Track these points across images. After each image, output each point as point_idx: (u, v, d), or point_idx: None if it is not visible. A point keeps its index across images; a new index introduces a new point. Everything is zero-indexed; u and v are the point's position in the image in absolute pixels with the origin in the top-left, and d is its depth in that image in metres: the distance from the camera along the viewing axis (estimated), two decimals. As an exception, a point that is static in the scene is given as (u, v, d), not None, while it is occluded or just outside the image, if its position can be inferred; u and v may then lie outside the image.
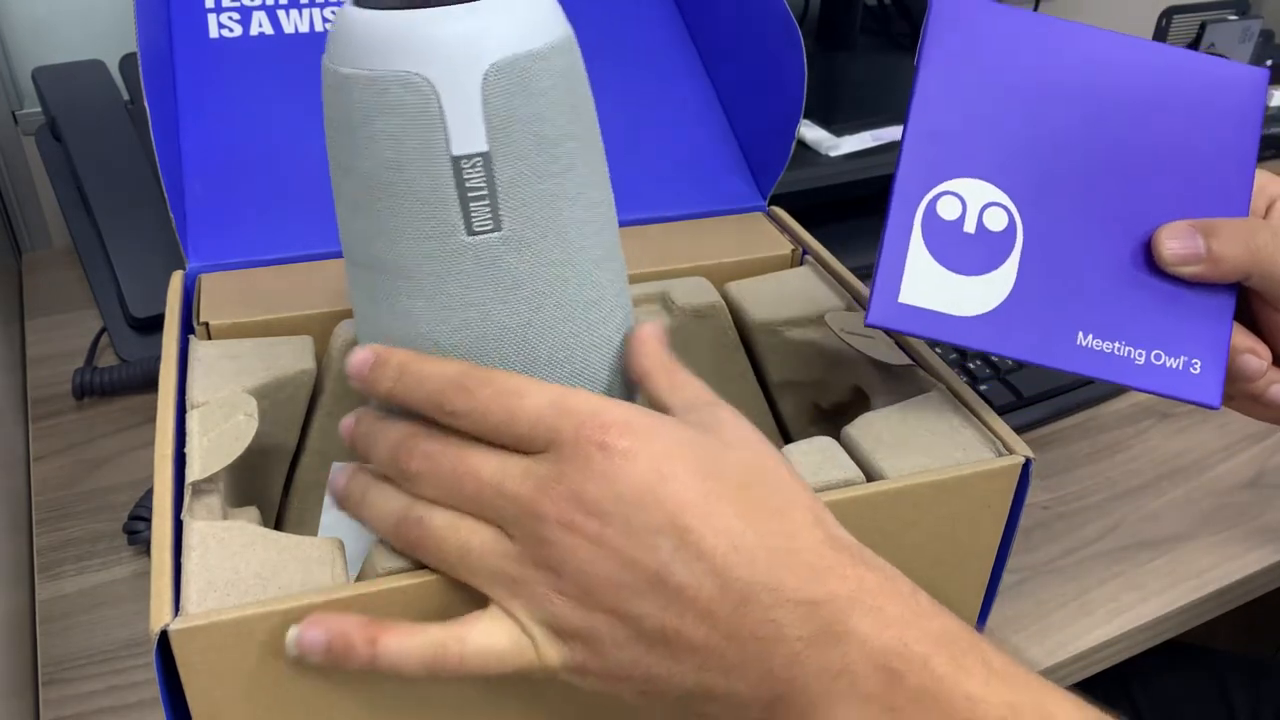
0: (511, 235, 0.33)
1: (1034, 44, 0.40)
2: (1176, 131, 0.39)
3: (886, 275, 0.38)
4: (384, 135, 0.32)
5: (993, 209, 0.38)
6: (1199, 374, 0.37)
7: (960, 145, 0.39)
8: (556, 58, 0.33)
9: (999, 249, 0.38)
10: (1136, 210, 0.39)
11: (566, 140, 0.34)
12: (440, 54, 0.31)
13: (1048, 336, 0.37)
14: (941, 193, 0.38)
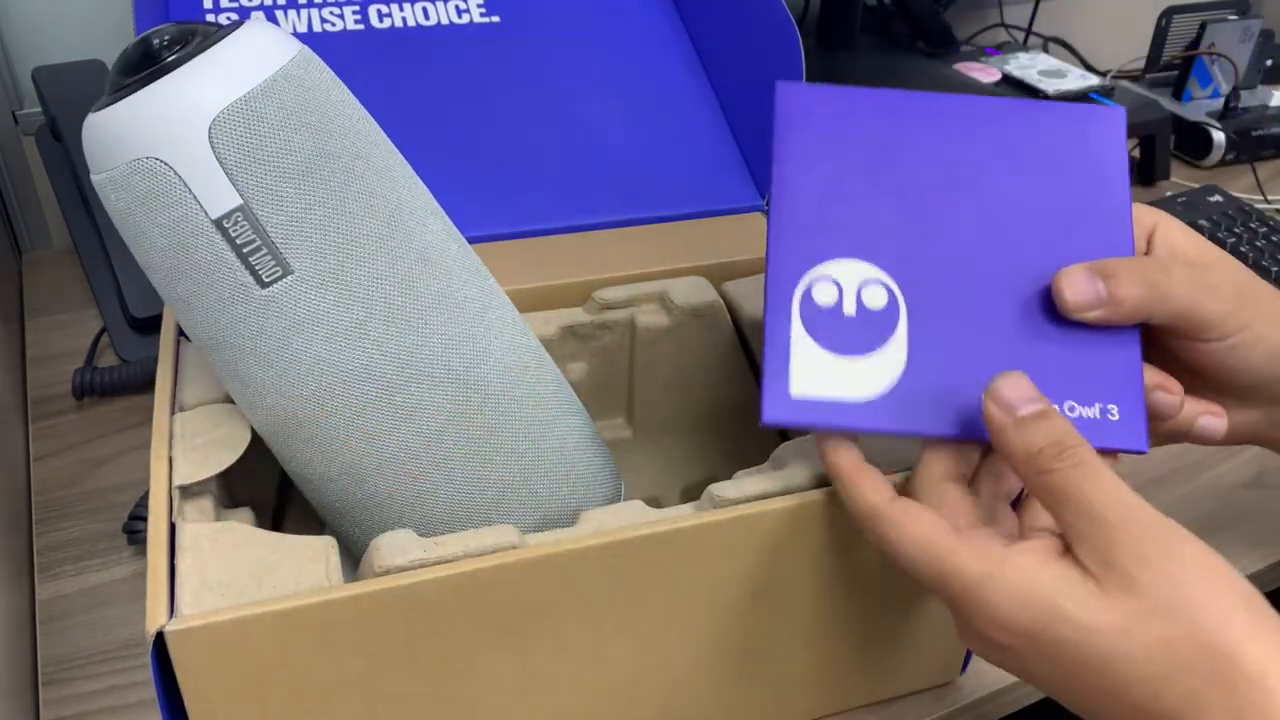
0: (305, 274, 0.34)
1: (885, 119, 0.39)
2: (1045, 181, 0.38)
3: (773, 371, 0.36)
4: (149, 225, 0.33)
5: (871, 286, 0.37)
6: (1119, 420, 0.36)
7: (826, 229, 0.38)
8: (282, 87, 0.33)
9: (884, 326, 0.36)
10: (1020, 266, 0.37)
11: (325, 161, 0.34)
12: (159, 130, 0.32)
13: (952, 407, 0.35)
14: (815, 279, 0.37)
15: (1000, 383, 0.33)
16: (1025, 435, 0.32)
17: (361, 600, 0.32)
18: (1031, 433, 0.32)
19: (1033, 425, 0.32)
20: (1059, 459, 0.31)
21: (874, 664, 0.43)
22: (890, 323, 0.36)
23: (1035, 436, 0.32)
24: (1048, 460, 0.31)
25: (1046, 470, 0.31)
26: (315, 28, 0.57)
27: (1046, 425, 0.32)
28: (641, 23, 0.63)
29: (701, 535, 0.36)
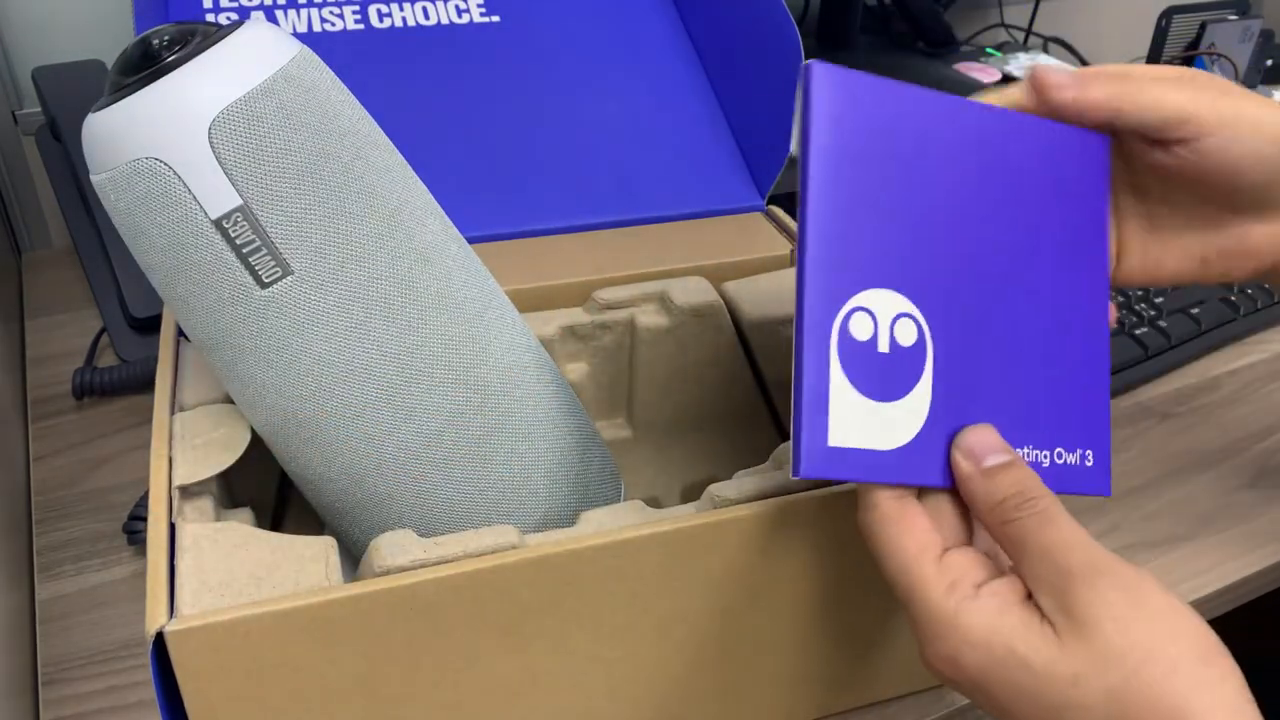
0: (305, 274, 0.34)
1: (913, 122, 0.34)
2: (1048, 211, 0.36)
3: (812, 417, 0.32)
4: (149, 225, 0.33)
5: (902, 321, 0.34)
6: (1093, 465, 0.36)
7: (862, 249, 0.33)
8: (282, 87, 0.33)
9: (913, 367, 0.34)
10: (1016, 296, 0.35)
11: (325, 161, 0.34)
12: (159, 131, 0.32)
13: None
14: (852, 309, 0.33)
15: (968, 434, 0.33)
16: (990, 485, 0.32)
17: (361, 600, 0.32)
18: (997, 482, 0.32)
19: (999, 475, 0.33)
20: (1020, 509, 0.32)
21: (873, 664, 0.43)
22: (919, 364, 0.34)
23: (1000, 486, 0.32)
24: (1010, 510, 0.32)
25: (1009, 520, 0.32)
26: (315, 28, 0.57)
27: (1012, 475, 0.32)
28: (641, 23, 0.63)
29: (701, 535, 0.36)
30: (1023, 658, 0.30)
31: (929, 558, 0.32)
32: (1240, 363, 0.66)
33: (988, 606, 0.31)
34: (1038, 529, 0.31)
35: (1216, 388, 0.64)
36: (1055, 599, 0.30)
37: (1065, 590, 0.30)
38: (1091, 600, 0.29)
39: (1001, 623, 0.30)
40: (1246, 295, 0.69)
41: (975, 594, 0.31)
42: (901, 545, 0.32)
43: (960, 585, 0.31)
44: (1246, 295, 0.69)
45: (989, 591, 0.31)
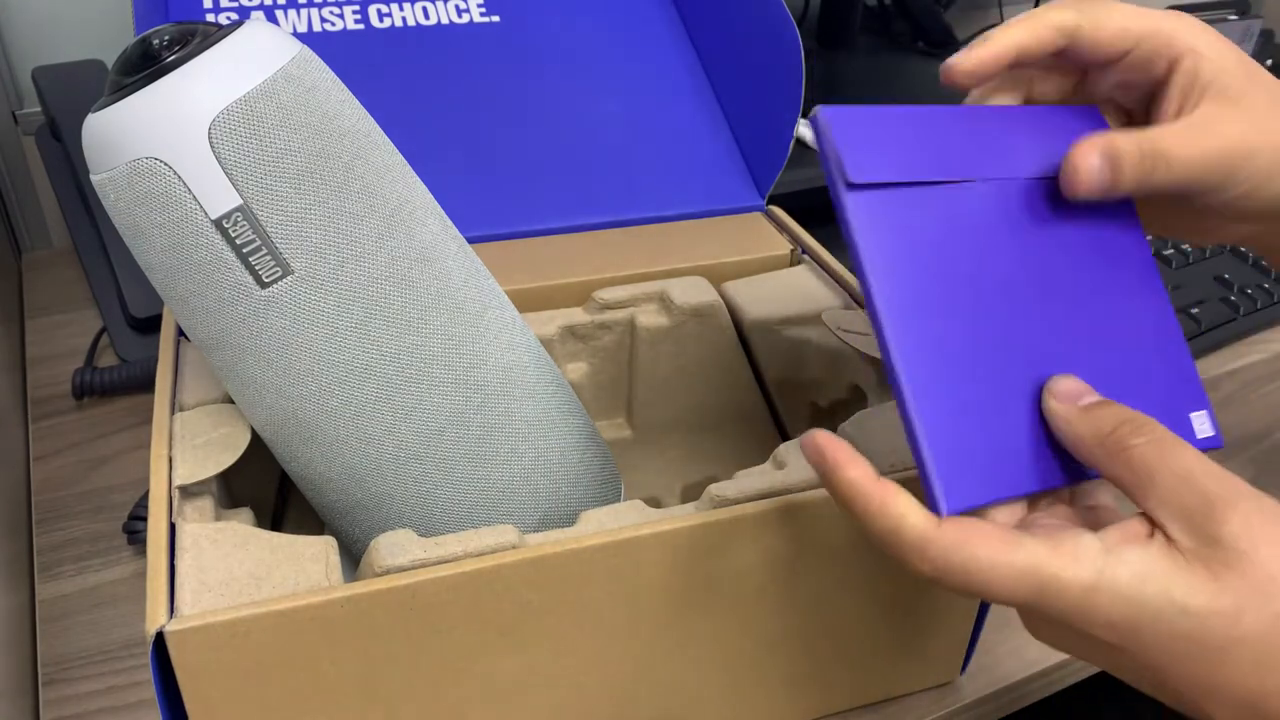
0: (305, 274, 0.34)
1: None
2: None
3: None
4: (149, 225, 0.33)
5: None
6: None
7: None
8: (282, 87, 0.33)
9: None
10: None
11: (325, 161, 0.34)
12: (159, 130, 0.32)
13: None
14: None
15: (1056, 381, 0.32)
16: (1094, 418, 0.31)
17: (361, 600, 0.32)
18: (1100, 415, 0.31)
19: (1099, 410, 0.31)
20: (1136, 434, 0.30)
21: (874, 664, 0.43)
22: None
23: (1104, 419, 0.31)
24: (1126, 437, 0.30)
25: (1126, 447, 0.30)
26: (315, 28, 0.57)
27: (1113, 409, 0.31)
28: (641, 23, 0.63)
29: (701, 535, 0.36)
30: (1182, 603, 0.28)
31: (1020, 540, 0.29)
32: (1240, 363, 0.66)
33: (1131, 559, 0.28)
34: (1165, 454, 0.29)
35: (1216, 388, 0.64)
36: (1197, 530, 0.28)
37: (1210, 518, 0.28)
38: (1239, 527, 0.28)
39: (1151, 571, 0.28)
40: (1246, 295, 0.69)
41: (1103, 547, 0.29)
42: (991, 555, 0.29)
43: (1085, 551, 0.29)
44: (1246, 295, 0.69)
45: (1115, 540, 0.29)
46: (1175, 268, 0.71)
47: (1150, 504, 0.30)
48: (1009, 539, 0.29)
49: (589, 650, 0.37)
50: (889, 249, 0.33)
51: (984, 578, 0.29)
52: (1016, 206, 0.35)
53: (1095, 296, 0.36)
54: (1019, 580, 0.29)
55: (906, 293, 0.32)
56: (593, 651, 0.37)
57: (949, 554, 0.29)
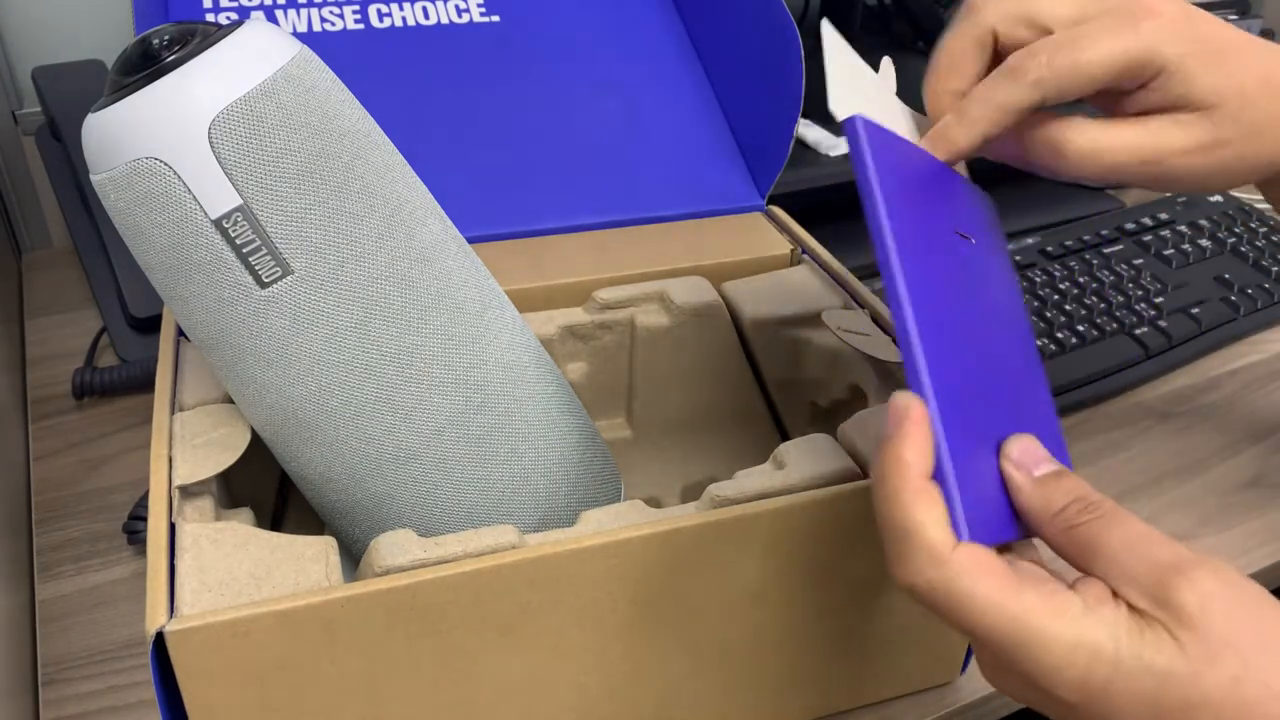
0: (305, 274, 0.34)
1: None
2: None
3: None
4: (148, 225, 0.33)
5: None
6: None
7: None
8: (282, 87, 0.33)
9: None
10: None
11: (325, 161, 0.34)
12: (159, 131, 0.32)
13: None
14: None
15: (1013, 445, 0.33)
16: (1047, 492, 0.31)
17: (361, 600, 0.32)
18: (1052, 490, 0.31)
19: (1052, 483, 0.31)
20: (1084, 513, 0.30)
21: (873, 664, 0.43)
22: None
23: (1056, 494, 0.31)
24: (1073, 515, 0.30)
25: (1074, 524, 0.30)
26: (315, 28, 0.57)
27: (1066, 483, 0.31)
28: (641, 23, 0.63)
29: (701, 535, 0.36)
30: (1148, 663, 0.28)
31: (1018, 588, 0.29)
32: (1240, 363, 0.66)
33: (1105, 614, 0.29)
34: (1112, 528, 0.30)
35: (1216, 388, 0.64)
36: (1152, 595, 0.29)
37: (1162, 584, 0.28)
38: (1192, 591, 0.28)
39: (1123, 628, 0.28)
40: (1246, 295, 0.69)
41: (1084, 606, 0.29)
42: (989, 593, 0.29)
43: (1067, 606, 0.29)
44: (1246, 295, 0.69)
45: (1094, 599, 0.29)
46: (1175, 267, 0.71)
47: (1096, 573, 0.30)
48: (1012, 584, 0.29)
49: (589, 650, 0.37)
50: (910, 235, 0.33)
51: (975, 614, 0.29)
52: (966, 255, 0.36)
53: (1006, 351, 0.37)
54: (1007, 626, 0.29)
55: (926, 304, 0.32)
56: (593, 651, 0.37)
57: (952, 580, 0.29)
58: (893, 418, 0.31)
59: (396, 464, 0.37)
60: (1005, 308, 0.38)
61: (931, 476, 0.30)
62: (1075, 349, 0.63)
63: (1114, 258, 0.71)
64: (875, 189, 0.32)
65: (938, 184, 0.37)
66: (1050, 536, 0.31)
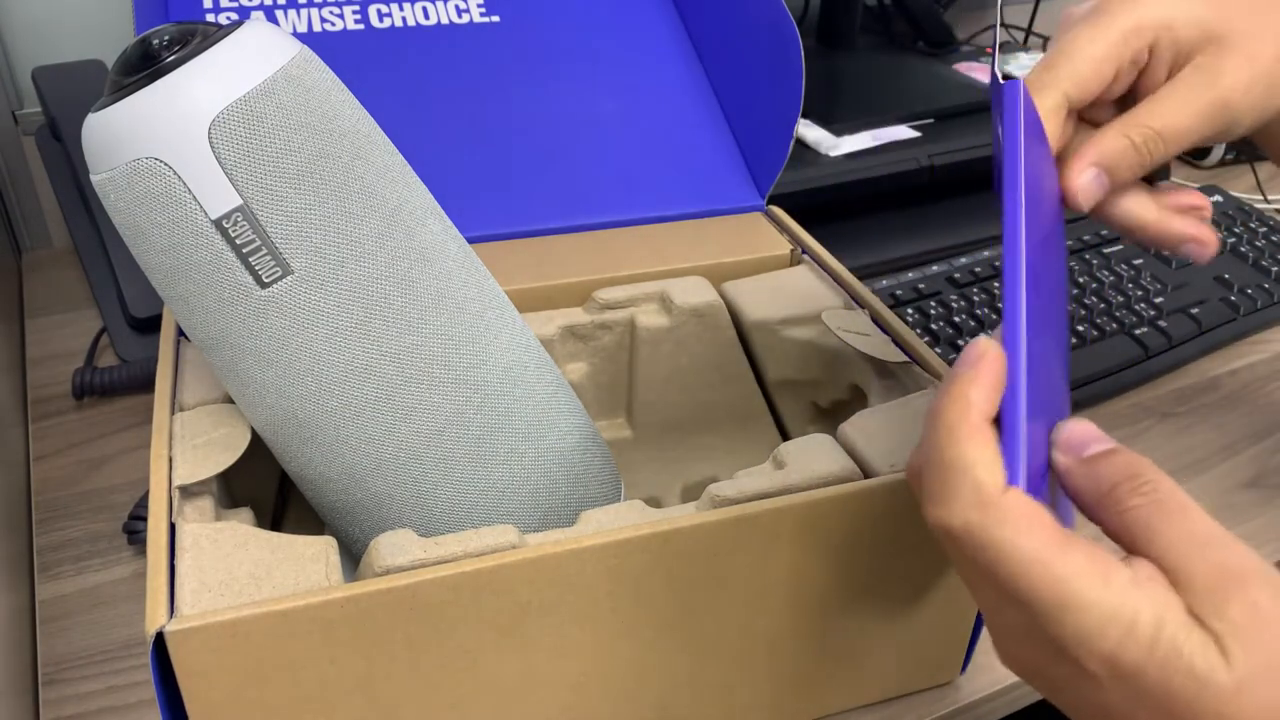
0: (305, 274, 0.34)
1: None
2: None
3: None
4: (148, 225, 0.33)
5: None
6: None
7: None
8: (282, 87, 0.33)
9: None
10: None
11: (325, 161, 0.34)
12: (159, 131, 0.32)
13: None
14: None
15: (1063, 429, 0.31)
16: (1095, 472, 0.29)
17: (361, 600, 0.32)
18: (1101, 469, 0.29)
19: (1102, 462, 0.29)
20: (1137, 494, 0.28)
21: (874, 664, 0.43)
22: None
23: (1105, 472, 0.29)
24: (1125, 496, 0.28)
25: (1128, 507, 0.28)
26: (315, 28, 0.57)
27: (1118, 459, 0.29)
28: (641, 23, 0.63)
29: (701, 535, 0.36)
30: (1188, 660, 0.26)
31: (1064, 544, 0.27)
32: (1240, 363, 0.66)
33: (1154, 596, 0.27)
34: (1170, 517, 0.28)
35: (1216, 388, 0.64)
36: (1204, 598, 0.27)
37: (1220, 590, 0.27)
38: (1249, 605, 0.26)
39: (1168, 616, 0.27)
40: (1246, 295, 0.69)
41: (1134, 578, 0.27)
42: (1032, 545, 0.27)
43: (1113, 570, 0.27)
44: (1246, 295, 0.69)
45: (1145, 575, 0.27)
46: (1175, 267, 0.71)
47: (1154, 560, 0.28)
48: (1059, 540, 0.27)
49: (589, 650, 0.37)
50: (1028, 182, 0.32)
51: (1015, 568, 0.27)
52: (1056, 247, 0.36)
53: (1062, 342, 0.36)
54: (1048, 587, 0.27)
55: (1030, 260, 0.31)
56: (593, 651, 0.37)
57: (994, 527, 0.27)
58: (966, 358, 0.29)
59: (396, 464, 0.37)
60: (1061, 304, 0.37)
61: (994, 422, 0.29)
62: (1075, 349, 0.63)
63: (1114, 258, 0.71)
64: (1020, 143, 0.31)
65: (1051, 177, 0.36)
66: (1103, 520, 0.29)
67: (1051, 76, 0.36)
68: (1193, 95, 0.35)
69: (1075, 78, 0.36)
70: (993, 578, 0.28)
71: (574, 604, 0.35)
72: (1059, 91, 0.36)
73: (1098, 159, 0.35)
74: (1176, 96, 0.36)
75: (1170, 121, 0.35)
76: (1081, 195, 0.35)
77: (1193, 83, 0.36)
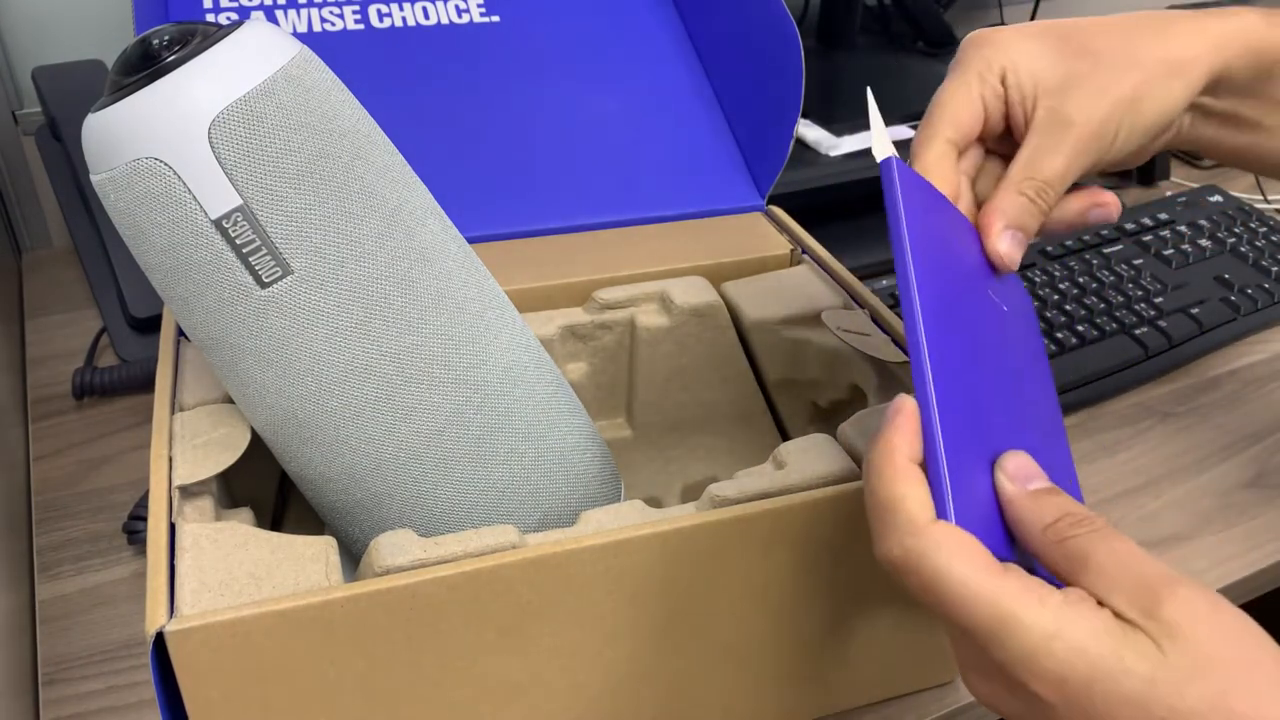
0: (305, 274, 0.34)
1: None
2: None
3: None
4: (148, 225, 0.33)
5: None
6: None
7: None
8: (282, 87, 0.33)
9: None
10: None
11: (325, 161, 0.34)
12: (159, 131, 0.32)
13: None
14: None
15: (1009, 460, 0.33)
16: (1039, 505, 0.31)
17: (361, 600, 0.32)
18: (1044, 504, 0.32)
19: (1045, 498, 0.32)
20: (1076, 526, 0.30)
21: (873, 664, 0.43)
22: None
23: (1048, 508, 0.31)
24: (1065, 528, 0.30)
25: (1066, 536, 0.30)
26: (315, 28, 0.57)
27: (1058, 499, 0.32)
28: (641, 23, 0.63)
29: (701, 535, 0.36)
30: (1130, 666, 0.28)
31: (999, 570, 0.29)
32: (1240, 363, 0.66)
33: (1087, 612, 0.28)
34: (1103, 543, 0.30)
35: (1216, 388, 0.64)
36: (1139, 605, 0.28)
37: (1150, 596, 0.28)
38: (1179, 606, 0.28)
39: (1105, 628, 0.28)
40: (1246, 295, 0.69)
41: (1066, 600, 0.29)
42: (966, 570, 0.29)
43: (1048, 598, 0.29)
44: (1246, 295, 0.69)
45: (1079, 598, 0.29)
46: (1175, 268, 0.71)
47: (1085, 584, 0.30)
48: (992, 566, 0.29)
49: (589, 650, 0.37)
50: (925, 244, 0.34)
51: (951, 590, 0.29)
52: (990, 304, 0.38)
53: (1021, 384, 0.38)
54: (984, 607, 0.29)
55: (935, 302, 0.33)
56: (593, 651, 0.37)
57: (928, 552, 0.29)
58: (888, 414, 0.32)
59: (396, 464, 0.37)
60: (1032, 377, 0.39)
61: (920, 464, 0.31)
62: (1075, 349, 0.63)
63: (1114, 258, 0.71)
64: (900, 211, 0.34)
65: (972, 244, 0.38)
66: (1040, 549, 0.31)
67: (931, 130, 0.40)
68: (1055, 139, 0.39)
69: (951, 123, 0.39)
70: (939, 606, 0.30)
71: (574, 604, 0.35)
72: (941, 139, 0.39)
73: (1007, 222, 0.39)
74: (1044, 144, 0.39)
75: (1050, 168, 0.38)
76: (1006, 258, 0.38)
77: (1050, 128, 0.39)
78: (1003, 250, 0.38)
